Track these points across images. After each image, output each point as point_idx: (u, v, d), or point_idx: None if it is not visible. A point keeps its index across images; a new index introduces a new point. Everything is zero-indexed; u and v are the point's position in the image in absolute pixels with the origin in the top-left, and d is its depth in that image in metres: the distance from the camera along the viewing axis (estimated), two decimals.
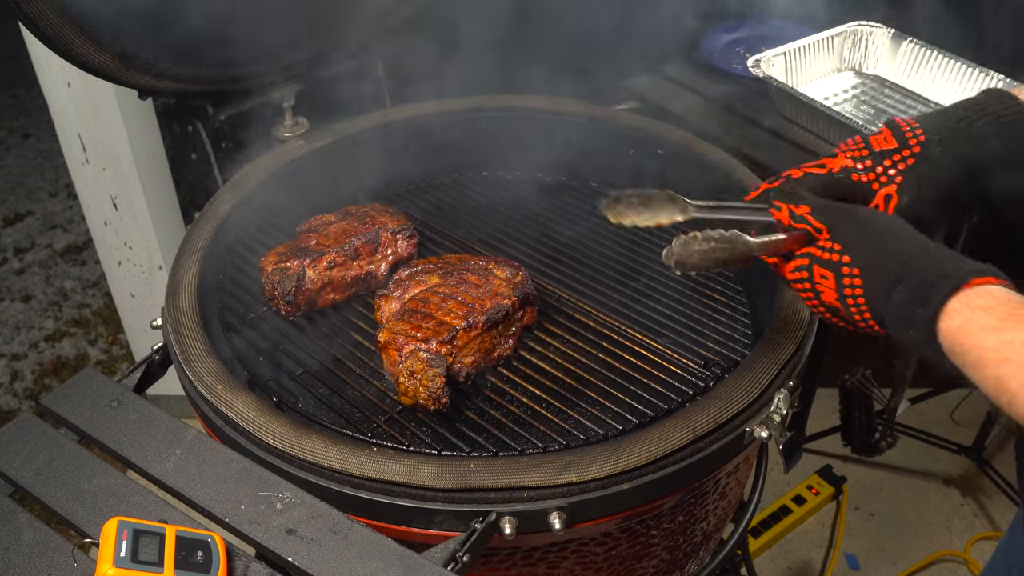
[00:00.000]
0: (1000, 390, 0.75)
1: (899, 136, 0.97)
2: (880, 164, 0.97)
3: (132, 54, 1.26)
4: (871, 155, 0.97)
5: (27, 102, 4.34)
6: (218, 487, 0.85)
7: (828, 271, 0.87)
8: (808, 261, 0.89)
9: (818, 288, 0.89)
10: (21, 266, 3.35)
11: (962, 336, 0.78)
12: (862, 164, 0.97)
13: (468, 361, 1.07)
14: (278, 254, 1.18)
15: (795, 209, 0.91)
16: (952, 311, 0.79)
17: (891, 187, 0.97)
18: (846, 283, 0.86)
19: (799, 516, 2.33)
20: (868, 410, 2.17)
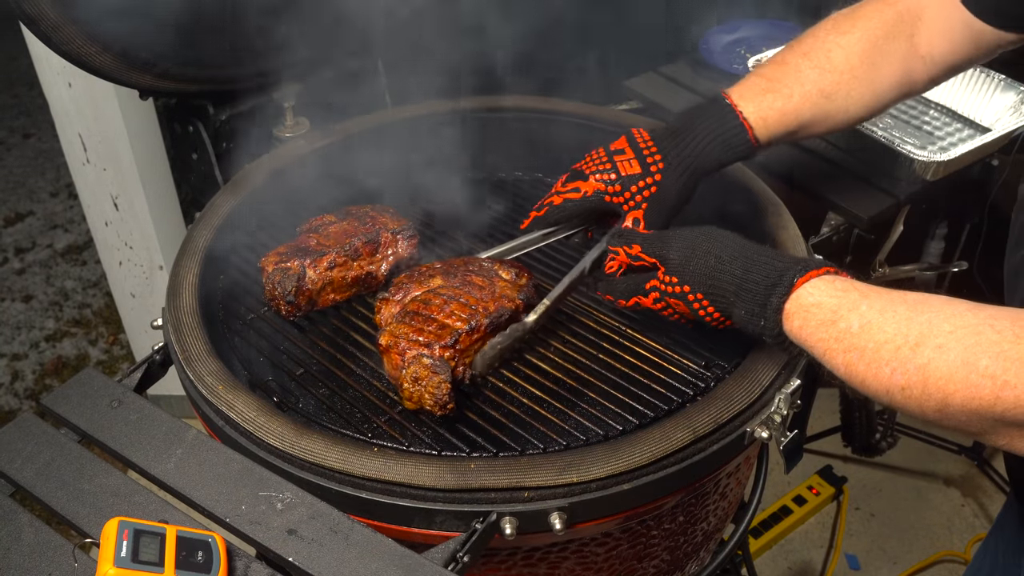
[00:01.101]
0: (851, 373, 0.82)
1: (641, 160, 1.10)
2: (628, 190, 1.10)
3: (133, 54, 1.26)
4: (619, 180, 1.10)
5: (28, 102, 4.34)
6: (219, 487, 0.85)
7: (677, 300, 0.96)
8: (659, 294, 0.98)
9: (679, 311, 0.98)
10: (22, 266, 3.35)
11: (804, 334, 0.85)
12: (611, 188, 1.10)
13: (470, 362, 1.07)
14: (278, 254, 1.18)
15: (628, 250, 1.01)
16: (790, 314, 0.87)
17: (638, 212, 1.10)
18: (696, 307, 0.95)
19: (800, 516, 2.33)
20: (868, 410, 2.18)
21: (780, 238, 1.18)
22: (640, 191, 1.09)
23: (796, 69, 1.10)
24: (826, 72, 1.08)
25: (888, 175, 1.52)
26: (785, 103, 1.08)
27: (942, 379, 0.74)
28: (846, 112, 1.11)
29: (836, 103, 1.09)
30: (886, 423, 2.19)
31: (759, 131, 1.09)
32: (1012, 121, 1.57)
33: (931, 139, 1.62)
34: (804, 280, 0.86)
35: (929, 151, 1.51)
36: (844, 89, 1.08)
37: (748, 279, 0.90)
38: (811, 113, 1.09)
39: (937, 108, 1.71)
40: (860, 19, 1.10)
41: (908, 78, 1.11)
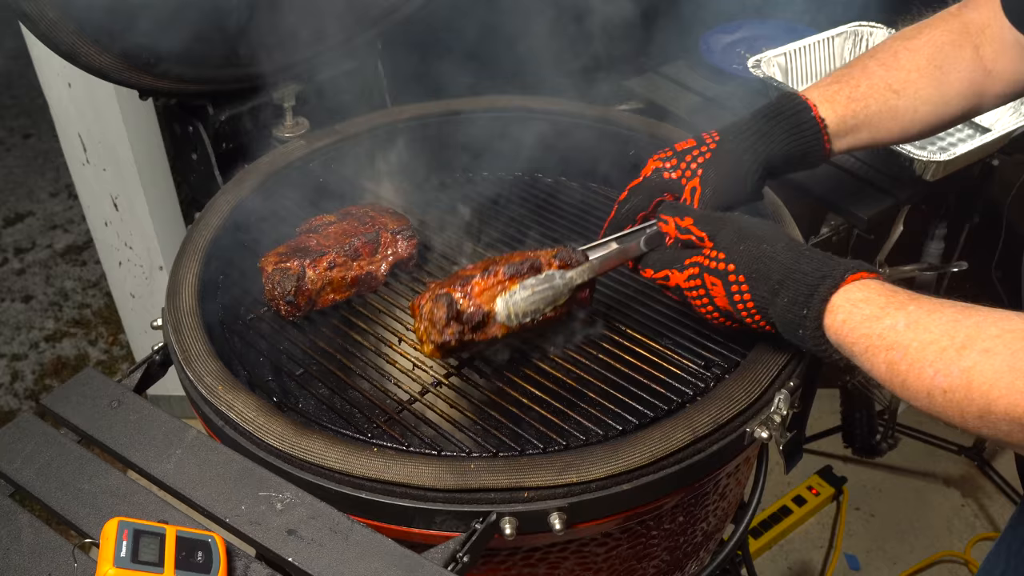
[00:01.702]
0: (892, 373, 0.80)
1: (698, 138, 1.09)
2: (683, 161, 1.08)
3: (133, 54, 1.26)
4: (675, 155, 1.09)
5: (27, 102, 4.34)
6: (218, 487, 0.85)
7: (716, 278, 0.94)
8: (698, 270, 0.96)
9: (712, 294, 0.95)
10: (21, 266, 3.35)
11: (847, 329, 0.84)
12: (669, 163, 1.09)
13: (492, 307, 1.01)
14: (278, 254, 1.18)
15: (679, 221, 0.99)
16: (835, 307, 0.85)
17: (695, 180, 1.07)
18: (734, 289, 0.93)
19: (799, 517, 2.33)
20: (869, 411, 2.18)
21: None
22: (694, 159, 1.07)
23: (863, 66, 1.10)
24: (893, 69, 1.08)
25: (888, 175, 1.52)
26: (852, 91, 1.08)
27: (986, 384, 0.72)
28: (915, 112, 1.09)
29: (904, 100, 1.08)
30: (887, 424, 2.19)
31: (826, 113, 1.07)
32: (1012, 121, 1.57)
33: (931, 139, 1.63)
34: (856, 277, 0.85)
35: (929, 151, 1.51)
36: (912, 87, 1.08)
37: (797, 268, 0.88)
38: (878, 106, 1.08)
39: None
40: (926, 27, 1.11)
41: (976, 88, 1.10)
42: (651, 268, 1.02)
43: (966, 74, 1.09)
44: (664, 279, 1.00)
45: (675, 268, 0.99)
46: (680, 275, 0.98)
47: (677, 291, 1.00)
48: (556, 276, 1.03)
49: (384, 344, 1.15)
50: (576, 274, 1.04)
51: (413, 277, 1.25)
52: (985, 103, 1.13)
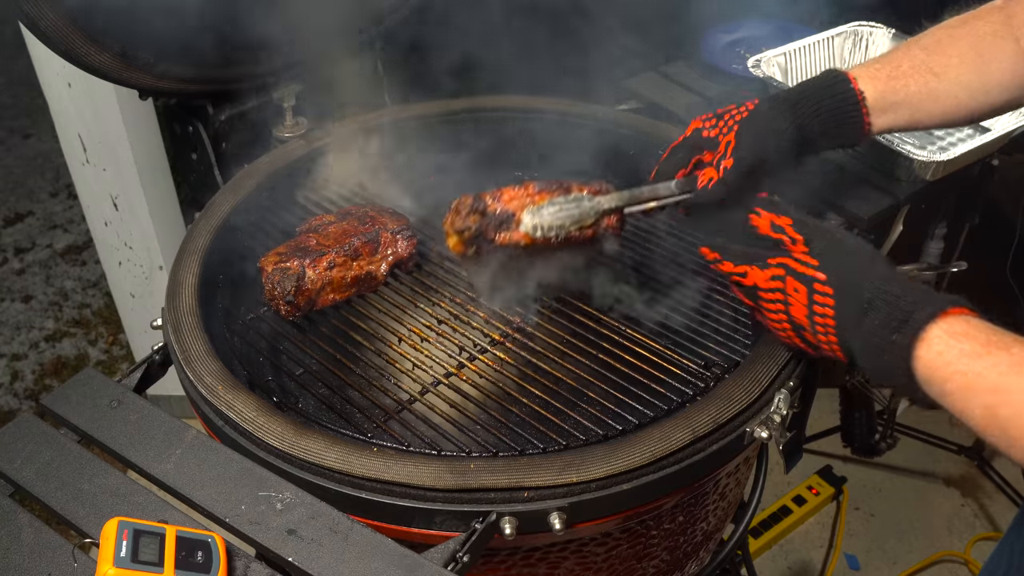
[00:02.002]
0: (990, 417, 0.74)
1: (738, 102, 1.09)
2: (721, 119, 1.08)
3: (132, 54, 1.26)
4: (715, 116, 1.09)
5: (28, 102, 4.34)
6: (218, 487, 0.85)
7: (801, 284, 0.88)
8: (783, 272, 0.89)
9: (790, 301, 0.89)
10: (21, 266, 3.35)
11: (941, 363, 0.77)
12: (708, 123, 1.09)
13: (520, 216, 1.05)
14: (278, 254, 1.18)
15: (775, 219, 0.93)
16: (931, 338, 0.78)
17: (730, 135, 1.06)
18: (817, 299, 0.86)
19: (799, 516, 2.33)
20: (868, 411, 2.18)
21: None
22: (732, 117, 1.07)
23: (906, 49, 1.10)
24: (934, 53, 1.08)
25: (888, 175, 1.52)
26: (893, 70, 1.07)
27: None
28: (955, 98, 1.08)
29: (944, 84, 1.08)
30: (886, 423, 2.19)
31: (867, 91, 1.06)
32: (1012, 121, 1.57)
33: (931, 139, 1.62)
34: (958, 311, 0.78)
35: (929, 151, 1.51)
36: (952, 72, 1.07)
37: (892, 290, 0.82)
38: (918, 86, 1.07)
39: None
40: (970, 18, 1.10)
41: (1019, 81, 1.09)
42: (731, 261, 0.95)
43: (1008, 65, 1.08)
44: (742, 275, 0.94)
45: (757, 265, 0.92)
46: (761, 274, 0.92)
47: (751, 292, 0.94)
48: (585, 199, 1.06)
49: (384, 344, 1.15)
50: (605, 200, 1.06)
51: (413, 277, 1.25)
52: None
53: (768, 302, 0.92)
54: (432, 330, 1.16)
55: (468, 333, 1.16)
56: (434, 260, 1.29)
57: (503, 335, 1.16)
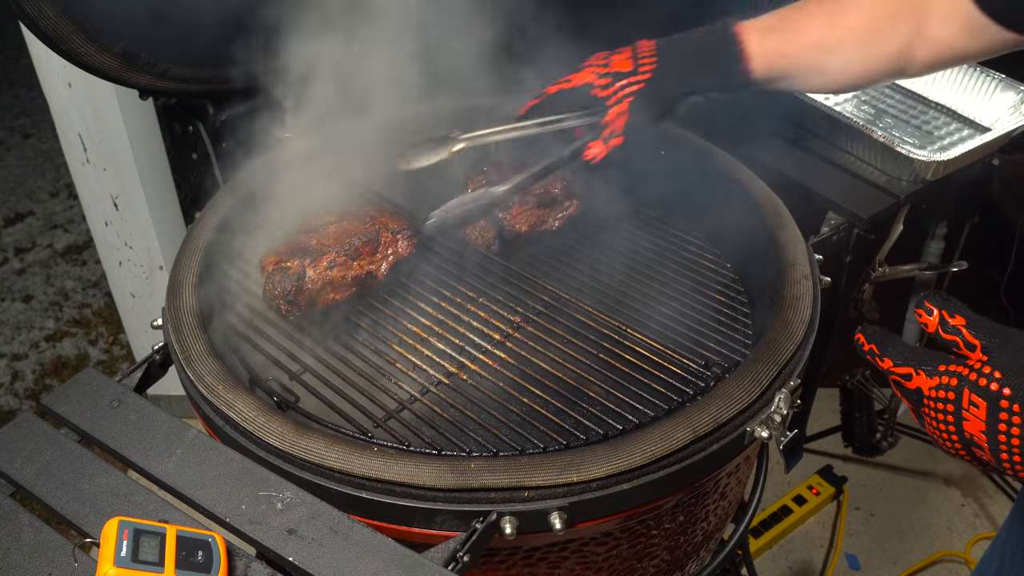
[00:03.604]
0: None
1: (635, 60, 1.13)
2: (616, 83, 1.11)
3: (133, 54, 1.26)
4: (609, 74, 1.12)
5: (28, 102, 4.34)
6: (219, 487, 0.85)
7: (981, 399, 0.75)
8: (957, 382, 0.77)
9: (965, 416, 0.77)
10: (22, 266, 3.35)
11: None
12: (600, 80, 1.12)
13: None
14: (278, 254, 1.18)
15: (949, 318, 0.80)
16: None
17: (623, 105, 1.11)
18: (1003, 418, 0.74)
19: (800, 516, 2.33)
20: (869, 410, 2.18)
21: (780, 238, 1.18)
22: (626, 86, 1.11)
23: (808, 16, 1.12)
24: (833, 27, 1.10)
25: (888, 175, 1.52)
26: (786, 45, 1.11)
27: None
28: (841, 72, 1.12)
29: (834, 60, 1.11)
30: (887, 423, 2.19)
31: (756, 65, 1.11)
32: (1012, 121, 1.57)
33: (931, 139, 1.63)
34: None
35: (929, 151, 1.51)
36: (844, 48, 1.10)
37: None
38: (806, 63, 1.11)
39: (937, 108, 1.71)
40: None
41: (906, 55, 1.11)
42: (892, 358, 0.82)
43: (901, 38, 1.10)
44: (905, 376, 0.81)
45: (924, 369, 0.79)
46: (928, 380, 0.79)
47: (913, 396, 0.81)
48: (486, 195, 1.17)
49: (384, 344, 1.15)
50: (504, 191, 1.17)
51: (414, 277, 1.25)
52: (910, 69, 1.14)
53: (933, 410, 0.79)
54: (433, 330, 1.16)
55: (469, 333, 1.16)
56: (435, 260, 1.29)
57: (504, 335, 1.16)
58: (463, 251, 1.30)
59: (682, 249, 1.32)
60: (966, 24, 1.06)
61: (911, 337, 2.01)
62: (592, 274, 1.27)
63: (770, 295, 1.14)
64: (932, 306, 0.81)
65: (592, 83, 1.12)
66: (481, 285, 1.24)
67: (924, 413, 0.80)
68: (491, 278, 1.25)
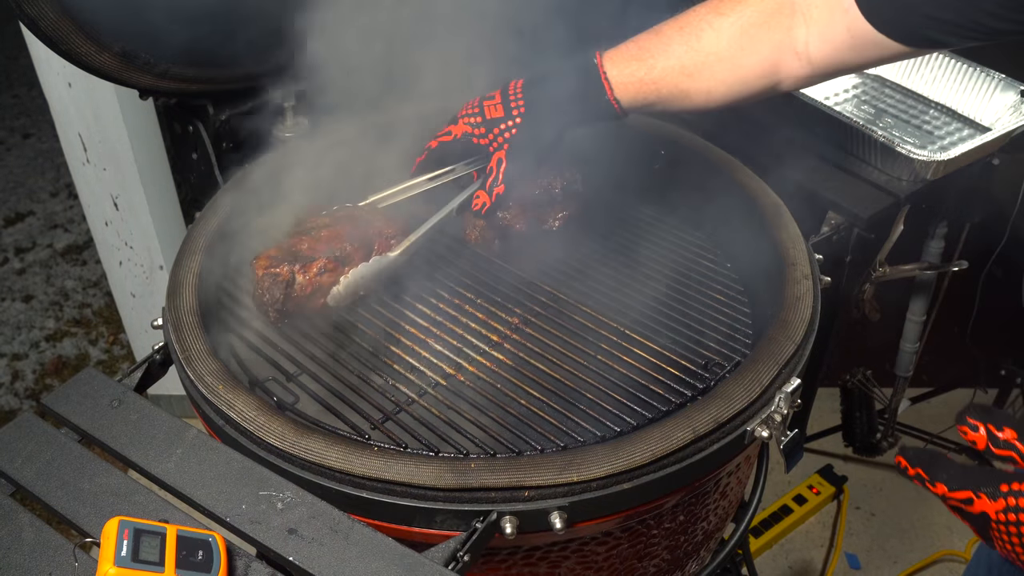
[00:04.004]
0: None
1: (506, 105, 1.15)
2: (491, 131, 1.15)
3: (133, 54, 1.26)
4: (484, 123, 1.16)
5: (28, 102, 4.35)
6: (219, 487, 0.85)
7: None
8: None
9: None
10: (22, 266, 3.35)
11: None
12: (477, 130, 1.16)
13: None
14: (269, 257, 1.17)
15: (997, 432, 0.75)
16: None
17: (501, 152, 1.16)
18: None
19: (800, 516, 2.33)
20: (869, 410, 2.18)
21: (780, 238, 1.18)
22: (502, 132, 1.15)
23: (667, 42, 1.11)
24: (692, 50, 1.10)
25: (888, 175, 1.52)
26: (647, 73, 1.11)
27: None
28: (708, 94, 1.12)
29: (698, 83, 1.11)
30: (887, 423, 2.20)
31: (620, 96, 1.12)
32: (1012, 120, 1.57)
33: (931, 138, 1.63)
34: None
35: (929, 150, 1.51)
36: (708, 71, 1.10)
37: None
38: (670, 88, 1.12)
39: (937, 107, 1.71)
40: (739, 3, 1.10)
41: (777, 70, 1.10)
42: (945, 484, 0.75)
43: (769, 55, 1.09)
44: (965, 501, 0.74)
45: (985, 492, 0.73)
46: (992, 503, 0.73)
47: (979, 520, 0.75)
48: (381, 261, 1.17)
49: (382, 345, 1.15)
50: (395, 254, 1.19)
51: (411, 278, 1.25)
52: (783, 84, 1.13)
53: (1007, 534, 0.73)
54: (430, 331, 1.16)
55: (466, 334, 1.16)
56: (433, 260, 1.29)
57: (502, 336, 1.16)
58: (461, 251, 1.30)
59: (682, 249, 1.32)
60: (848, 40, 1.05)
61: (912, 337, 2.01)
62: (591, 274, 1.27)
63: (770, 295, 1.14)
64: (977, 422, 0.76)
65: (469, 132, 1.16)
66: (479, 286, 1.24)
67: (994, 536, 0.74)
68: (489, 279, 1.25)
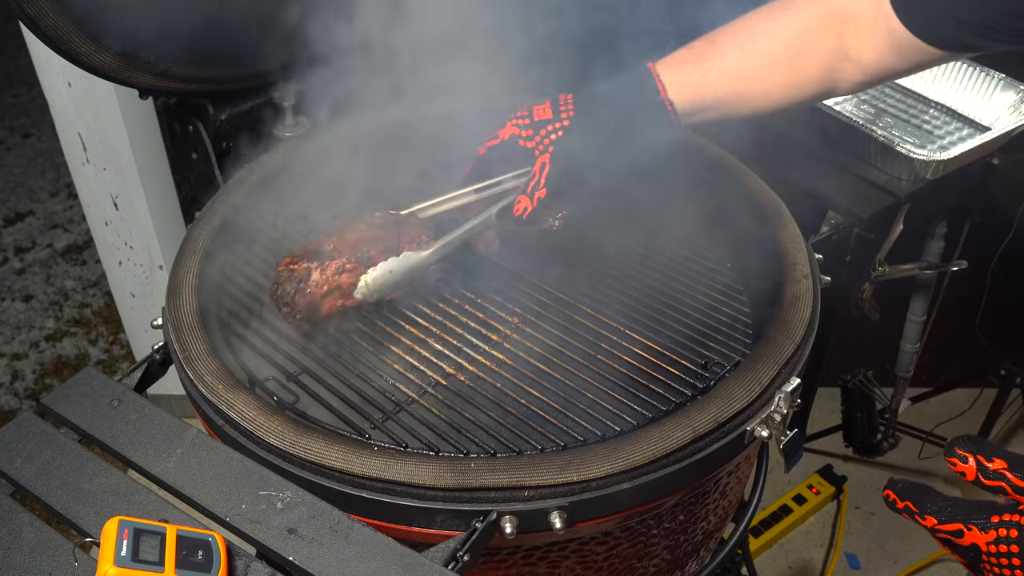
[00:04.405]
0: None
1: (555, 109, 1.13)
2: (538, 133, 1.13)
3: (133, 54, 1.26)
4: (532, 124, 1.13)
5: (27, 102, 4.35)
6: (219, 486, 0.85)
7: None
8: (1017, 533, 0.71)
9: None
10: (22, 266, 3.35)
11: None
12: (524, 132, 1.13)
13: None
14: (293, 255, 1.18)
15: (987, 463, 0.73)
16: None
17: (545, 156, 1.12)
18: None
19: (800, 515, 2.33)
20: (870, 410, 2.18)
21: (780, 238, 1.18)
22: (548, 135, 1.12)
23: (722, 47, 1.11)
24: (748, 53, 1.10)
25: (888, 174, 1.52)
26: (703, 76, 1.10)
27: None
28: (766, 97, 1.12)
29: (755, 86, 1.11)
30: (888, 423, 2.20)
31: (675, 97, 1.11)
32: (1012, 120, 1.57)
33: (931, 138, 1.63)
34: None
35: (929, 150, 1.51)
36: (764, 74, 1.10)
37: None
38: (727, 91, 1.11)
39: (937, 107, 1.71)
40: (792, 9, 1.11)
41: (832, 76, 1.11)
42: (935, 516, 0.75)
43: (823, 61, 1.09)
44: (955, 533, 0.74)
45: (975, 523, 0.73)
46: (982, 535, 0.72)
47: (969, 553, 0.74)
48: (412, 257, 1.15)
49: (382, 345, 1.15)
50: (428, 254, 1.16)
51: None
52: (839, 89, 1.14)
53: (998, 567, 0.72)
54: (430, 330, 1.16)
55: (467, 333, 1.16)
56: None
57: (502, 335, 1.16)
58: (462, 251, 1.30)
59: (681, 248, 1.32)
60: (891, 44, 1.06)
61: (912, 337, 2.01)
62: (591, 274, 1.27)
63: (770, 295, 1.14)
64: (966, 453, 0.74)
65: (516, 134, 1.14)
66: (479, 285, 1.24)
67: (985, 570, 0.74)
68: (489, 278, 1.25)
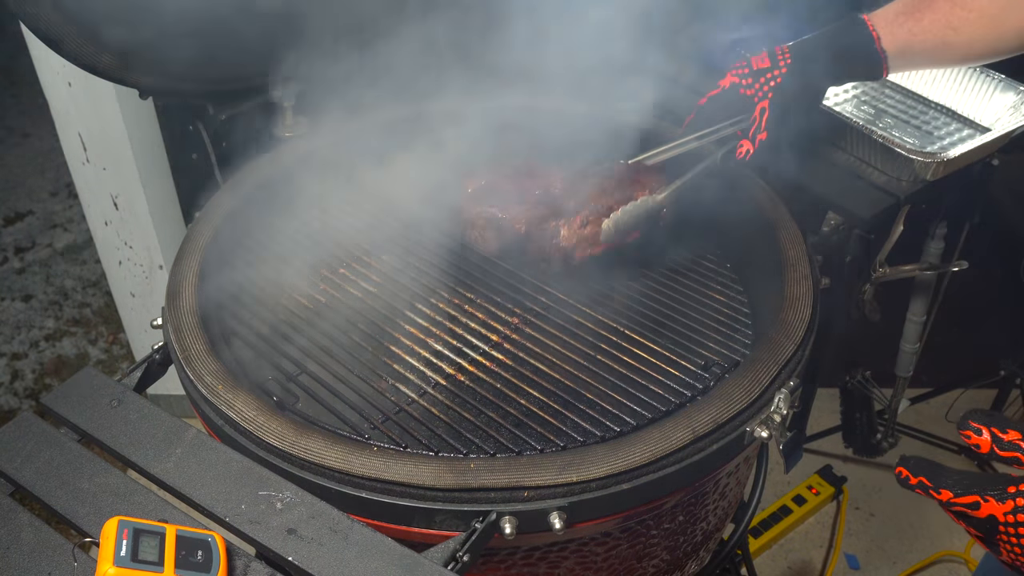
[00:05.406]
0: None
1: (772, 58, 1.20)
2: (757, 81, 1.19)
3: (132, 54, 1.26)
4: (751, 73, 1.20)
5: (27, 102, 4.34)
6: (218, 486, 0.85)
7: None
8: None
9: None
10: (21, 265, 3.35)
11: None
12: (745, 81, 1.20)
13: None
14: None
15: (1001, 434, 0.74)
16: None
17: (765, 101, 1.18)
18: None
19: (799, 516, 2.33)
20: (869, 411, 2.18)
21: (780, 238, 1.18)
22: (767, 81, 1.18)
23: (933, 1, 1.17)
24: (958, 6, 1.15)
25: (888, 175, 1.52)
26: (914, 25, 1.17)
27: None
28: (969, 47, 1.18)
29: (961, 37, 1.16)
30: (887, 423, 2.19)
31: (887, 46, 1.17)
32: (1012, 121, 1.57)
33: (931, 139, 1.62)
34: None
35: (929, 150, 1.51)
36: (970, 27, 1.15)
37: None
38: (936, 41, 1.17)
39: (937, 108, 1.70)
40: None
41: None
42: (950, 489, 0.74)
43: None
44: (971, 506, 0.73)
45: (992, 495, 0.72)
46: (1000, 506, 0.71)
47: (986, 525, 0.73)
48: (646, 201, 1.21)
49: (383, 345, 1.15)
50: (663, 197, 1.22)
51: (411, 278, 1.25)
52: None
53: (1016, 536, 0.71)
54: (430, 331, 1.16)
55: (467, 334, 1.16)
56: (433, 260, 1.29)
57: (502, 336, 1.16)
58: (461, 252, 1.30)
59: (681, 249, 1.32)
60: None
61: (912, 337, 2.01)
62: (591, 274, 1.27)
63: (770, 295, 1.14)
64: (980, 425, 0.75)
65: (737, 83, 1.20)
66: (479, 286, 1.24)
67: (1001, 541, 0.72)
68: (489, 279, 1.25)
